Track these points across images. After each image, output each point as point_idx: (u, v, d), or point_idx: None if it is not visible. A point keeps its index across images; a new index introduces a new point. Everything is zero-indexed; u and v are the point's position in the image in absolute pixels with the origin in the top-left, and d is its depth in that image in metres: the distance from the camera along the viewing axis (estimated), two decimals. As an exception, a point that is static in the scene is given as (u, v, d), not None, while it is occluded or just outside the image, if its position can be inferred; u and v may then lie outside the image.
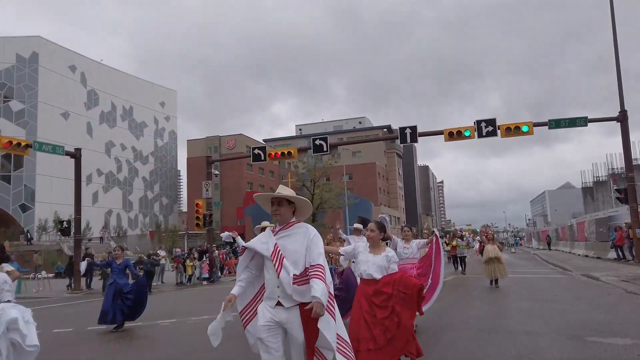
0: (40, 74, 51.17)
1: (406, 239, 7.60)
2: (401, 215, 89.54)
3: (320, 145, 19.62)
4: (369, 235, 4.64)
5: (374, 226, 4.67)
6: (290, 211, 3.46)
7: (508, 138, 17.71)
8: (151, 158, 67.41)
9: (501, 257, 13.21)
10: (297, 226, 3.44)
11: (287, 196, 3.43)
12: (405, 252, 7.40)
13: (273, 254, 3.29)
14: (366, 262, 4.49)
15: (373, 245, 4.60)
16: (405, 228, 7.77)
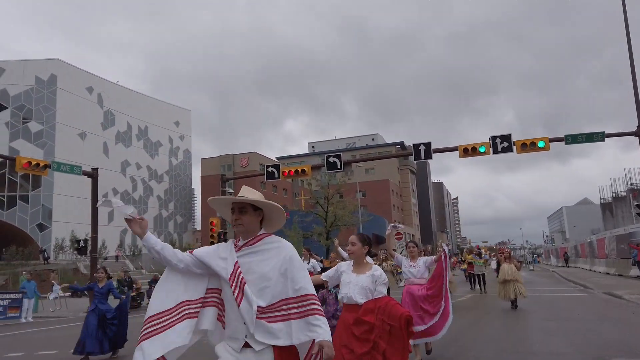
0: (59, 95, 52.27)
1: (412, 256, 6.80)
2: (416, 233, 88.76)
3: (334, 163, 19.60)
4: (349, 250, 3.91)
5: (355, 239, 3.90)
6: (257, 220, 2.62)
7: (523, 154, 17.54)
8: (166, 177, 68.05)
9: (519, 277, 12.35)
10: (268, 241, 2.60)
11: (252, 200, 2.58)
12: (411, 272, 6.63)
13: (232, 276, 2.47)
14: (348, 284, 3.78)
15: (356, 263, 3.87)
16: (410, 244, 6.98)
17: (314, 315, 2.43)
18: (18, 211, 48.95)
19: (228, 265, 2.51)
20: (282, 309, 2.46)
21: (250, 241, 2.59)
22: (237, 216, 2.59)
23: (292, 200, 75.82)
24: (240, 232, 2.62)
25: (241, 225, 2.59)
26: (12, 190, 49.06)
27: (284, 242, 2.64)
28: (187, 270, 2.57)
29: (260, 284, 2.47)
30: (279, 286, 2.48)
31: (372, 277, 3.76)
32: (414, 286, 6.52)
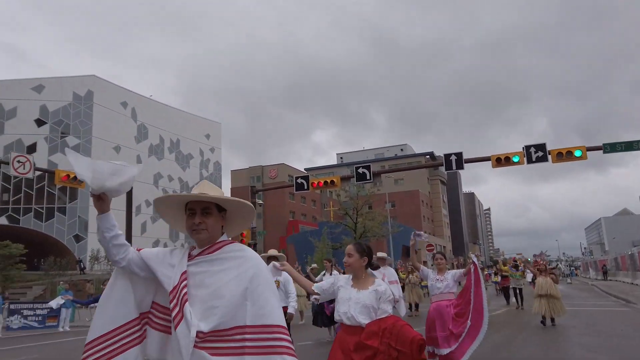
0: (95, 110, 54.01)
1: (439, 268, 6.30)
2: (447, 244, 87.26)
3: (363, 174, 19.51)
4: (346, 262, 3.42)
5: (351, 249, 3.43)
6: (220, 223, 2.12)
7: (558, 163, 17.06)
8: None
9: (557, 292, 11.32)
10: (230, 249, 2.08)
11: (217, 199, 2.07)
12: (437, 286, 6.10)
13: (175, 290, 1.95)
14: (347, 301, 3.27)
15: (355, 277, 3.40)
16: (437, 255, 6.51)
17: (279, 355, 1.85)
18: (56, 223, 50.54)
19: (174, 275, 1.98)
20: (235, 339, 1.88)
21: (207, 249, 2.06)
22: (200, 219, 2.05)
23: (321, 212, 75.86)
24: (203, 240, 2.07)
25: (205, 231, 2.06)
26: (50, 203, 50.77)
27: (249, 251, 2.10)
28: (130, 273, 2.07)
29: (209, 301, 1.91)
30: (233, 308, 1.90)
31: (376, 293, 3.24)
32: (443, 302, 5.97)
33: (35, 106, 52.58)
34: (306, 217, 75.21)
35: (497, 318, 13.65)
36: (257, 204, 24.22)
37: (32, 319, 17.51)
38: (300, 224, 69.68)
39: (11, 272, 30.32)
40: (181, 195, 2.11)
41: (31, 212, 50.11)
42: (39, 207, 50.48)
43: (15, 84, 53.35)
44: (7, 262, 30.63)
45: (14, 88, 52.64)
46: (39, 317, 17.63)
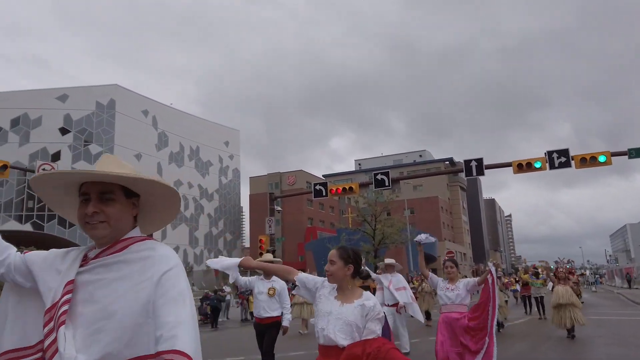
0: (117, 119, 55.05)
1: (450, 277, 5.74)
2: (467, 251, 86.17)
3: (382, 180, 19.43)
4: (327, 270, 2.89)
5: (334, 255, 2.89)
6: (129, 214, 1.57)
7: (582, 169, 16.72)
8: (216, 195, 69.74)
9: (576, 301, 10.63)
10: (138, 248, 1.54)
11: (121, 177, 1.49)
12: (448, 295, 5.59)
13: (52, 309, 1.42)
14: (326, 316, 2.74)
15: (340, 288, 2.85)
16: (448, 263, 5.87)
17: None
18: (78, 229, 51.43)
19: (58, 286, 1.45)
20: None
21: (108, 249, 1.51)
22: (95, 207, 1.47)
23: (339, 218, 75.71)
24: (101, 237, 1.51)
25: (104, 224, 1.49)
26: (74, 209, 51.79)
27: (161, 250, 1.55)
28: (15, 284, 1.54)
29: (95, 323, 1.38)
30: (128, 331, 1.37)
31: (362, 309, 2.68)
32: (453, 313, 5.46)
33: (60, 115, 53.85)
34: (324, 223, 75.15)
35: (518, 328, 13.37)
36: (275, 210, 24.29)
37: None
38: (318, 230, 69.64)
39: (36, 278, 30.85)
40: (66, 172, 1.49)
41: (55, 219, 51.15)
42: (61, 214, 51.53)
43: (40, 93, 54.76)
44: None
45: (39, 98, 54.03)
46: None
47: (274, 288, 6.33)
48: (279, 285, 6.38)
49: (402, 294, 8.76)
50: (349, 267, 2.87)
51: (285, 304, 6.45)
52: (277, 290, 6.37)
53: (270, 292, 6.29)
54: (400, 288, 8.81)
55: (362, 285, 11.67)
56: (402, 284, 9.01)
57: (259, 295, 6.34)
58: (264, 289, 6.32)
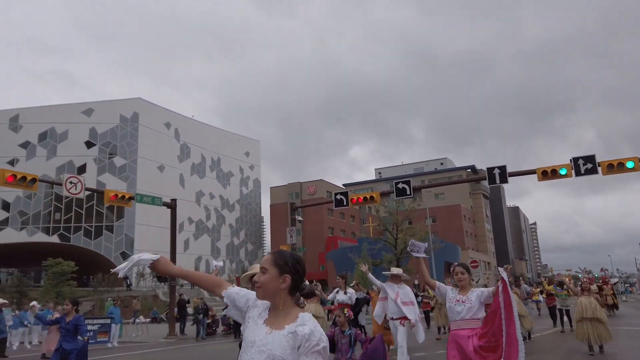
0: (140, 131, 56.13)
1: (461, 286, 4.87)
2: (491, 260, 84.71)
3: (403, 189, 19.30)
4: (255, 281, 2.17)
5: (267, 261, 2.18)
6: None
7: (608, 175, 16.31)
8: (237, 206, 70.27)
9: (602, 316, 9.60)
10: None
11: None
12: (457, 309, 4.74)
13: None
14: (249, 347, 2.09)
15: (272, 307, 2.17)
16: (457, 269, 4.93)
17: None
18: (104, 240, 52.40)
19: None
20: None
21: None
22: None
23: (360, 227, 75.40)
24: None
25: None
26: (98, 221, 52.76)
27: None
28: None
29: None
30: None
31: (293, 338, 2.01)
32: (463, 331, 4.64)
33: (85, 129, 55.19)
34: (345, 233, 74.92)
35: (542, 341, 12.93)
36: (296, 220, 24.32)
37: (82, 334, 18.07)
38: (339, 240, 69.43)
39: (63, 289, 31.56)
40: None
41: (81, 231, 52.22)
42: (88, 226, 52.55)
43: (66, 108, 56.28)
44: (60, 279, 31.93)
45: (66, 112, 55.53)
46: (90, 333, 18.19)
47: None
48: None
49: (409, 310, 8.19)
50: (284, 277, 2.13)
51: None
52: None
53: None
54: (407, 303, 8.24)
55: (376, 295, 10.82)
56: (409, 297, 8.41)
57: None
58: None
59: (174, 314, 20.34)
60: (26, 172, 15.28)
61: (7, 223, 52.22)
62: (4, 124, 54.60)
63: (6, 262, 47.96)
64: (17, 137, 54.36)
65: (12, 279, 38.95)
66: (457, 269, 4.90)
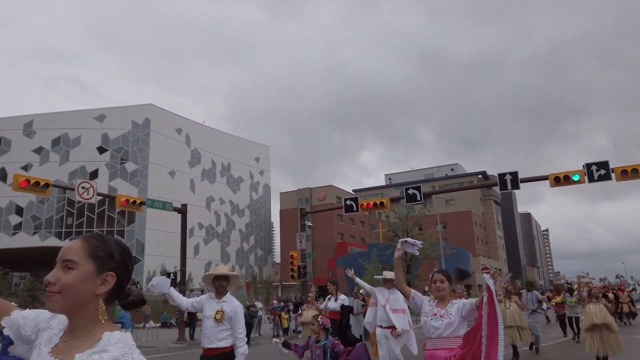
0: (152, 137, 56.58)
1: (440, 297, 4.09)
2: (503, 267, 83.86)
3: (414, 195, 19.21)
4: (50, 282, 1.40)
5: (79, 249, 1.45)
6: None
7: (623, 181, 16.11)
8: (247, 211, 70.43)
9: (611, 323, 8.80)
10: None
11: None
12: (434, 325, 3.95)
13: None
14: None
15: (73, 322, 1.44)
16: (436, 276, 4.14)
17: None
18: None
19: None
20: None
21: None
22: None
23: (370, 233, 75.16)
24: None
25: None
26: (110, 226, 53.18)
27: None
28: None
29: None
30: None
31: None
32: (440, 352, 3.87)
33: (97, 135, 55.77)
34: (355, 238, 74.68)
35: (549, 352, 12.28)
36: (306, 226, 24.30)
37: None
38: (349, 245, 69.22)
39: (74, 293, 31.69)
40: None
41: (93, 235, 52.65)
42: (99, 231, 52.99)
43: (79, 114, 56.94)
44: (71, 283, 32.10)
45: (78, 118, 56.17)
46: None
47: (223, 311, 4.90)
48: (229, 308, 4.94)
49: (399, 318, 7.56)
50: (106, 276, 1.45)
51: (238, 331, 4.91)
52: (227, 313, 4.90)
53: (217, 316, 4.90)
54: (397, 310, 7.60)
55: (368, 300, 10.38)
56: (400, 305, 7.69)
57: (205, 319, 4.99)
58: (211, 312, 4.95)
59: (184, 319, 20.40)
60: (39, 178, 15.46)
61: (21, 227, 52.84)
62: (19, 130, 55.36)
63: (19, 266, 48.45)
64: (31, 143, 55.07)
65: (25, 283, 39.31)
66: (436, 276, 4.13)
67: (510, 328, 10.10)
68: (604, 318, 8.72)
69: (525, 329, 10.50)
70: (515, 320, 10.32)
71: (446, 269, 4.40)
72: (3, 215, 52.88)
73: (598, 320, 8.67)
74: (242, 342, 4.91)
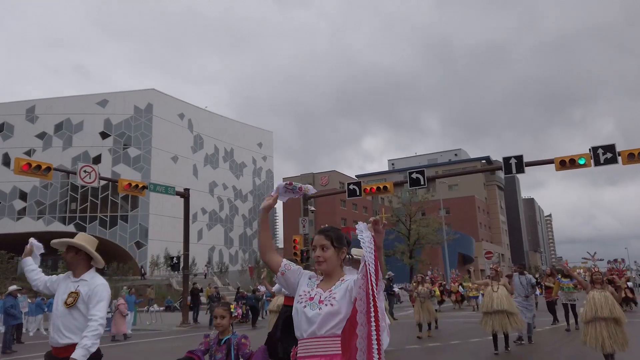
0: (154, 122, 56.40)
1: (324, 272, 2.55)
2: (506, 252, 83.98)
3: (417, 179, 19.08)
4: None
5: None
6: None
7: (627, 166, 15.89)
8: (250, 196, 70.47)
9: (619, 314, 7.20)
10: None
11: None
12: (308, 315, 2.36)
13: None
14: None
15: None
16: (315, 239, 2.67)
17: None
18: (119, 230, 52.98)
19: None
20: None
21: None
22: None
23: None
24: None
25: None
26: (113, 211, 53.33)
27: None
28: None
29: None
30: None
31: None
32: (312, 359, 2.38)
33: (100, 120, 55.62)
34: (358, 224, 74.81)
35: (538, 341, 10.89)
36: (309, 210, 24.26)
37: (97, 322, 18.23)
38: (352, 231, 69.28)
39: (78, 277, 31.90)
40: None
41: (96, 220, 52.84)
42: (103, 216, 53.16)
43: (82, 99, 56.73)
44: (75, 267, 32.29)
45: (81, 103, 55.98)
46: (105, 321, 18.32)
47: (77, 293, 3.59)
48: (86, 288, 3.61)
49: None
50: None
51: (92, 319, 3.49)
52: (82, 295, 3.57)
53: (68, 299, 3.58)
54: None
55: None
56: None
57: (55, 305, 3.72)
58: (63, 295, 3.66)
59: (187, 302, 20.49)
60: (51, 164, 15.34)
61: (25, 212, 53.06)
62: (21, 115, 55.27)
63: (24, 251, 48.74)
64: (33, 128, 55.01)
65: (30, 267, 39.57)
66: (315, 239, 2.65)
67: (498, 314, 9.02)
68: (611, 310, 7.14)
69: (515, 315, 9.19)
70: (504, 305, 9.09)
71: (332, 227, 2.82)
72: (7, 200, 53.06)
73: (604, 311, 7.12)
74: (93, 332, 3.44)
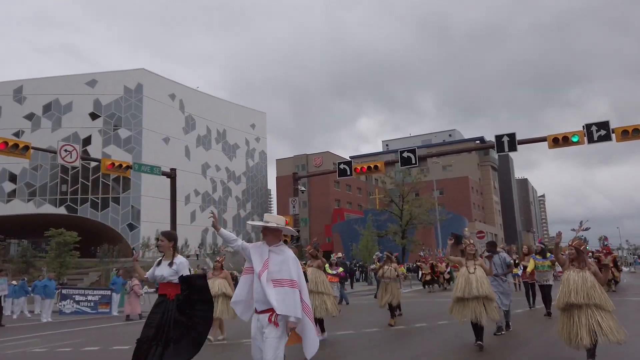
0: (145, 103, 55.52)
1: None
2: (499, 232, 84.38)
3: (409, 158, 18.78)
4: None
5: None
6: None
7: (621, 144, 15.64)
8: (243, 178, 70.07)
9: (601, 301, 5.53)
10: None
11: None
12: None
13: None
14: None
15: None
16: None
17: None
18: (111, 212, 52.58)
19: None
20: None
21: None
22: None
23: (366, 199, 75.15)
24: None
25: None
26: (105, 193, 52.85)
27: None
28: None
29: None
30: None
31: None
32: None
33: (89, 100, 54.68)
34: (352, 205, 74.72)
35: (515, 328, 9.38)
36: (299, 191, 23.95)
37: (84, 304, 18.06)
38: (345, 212, 69.29)
39: (66, 259, 31.68)
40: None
41: (88, 202, 52.37)
42: (94, 198, 52.67)
43: (70, 79, 55.68)
44: (62, 249, 32.01)
45: (69, 83, 54.94)
46: (90, 303, 18.14)
47: None
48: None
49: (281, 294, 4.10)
50: None
51: None
52: None
53: None
54: (282, 281, 4.14)
55: None
56: (289, 271, 4.24)
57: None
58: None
59: (176, 284, 20.21)
60: (27, 142, 14.86)
61: (15, 195, 52.49)
62: (9, 96, 54.23)
63: (16, 233, 48.30)
64: (21, 109, 54.05)
65: (19, 249, 39.31)
66: None
67: (474, 300, 7.20)
68: (589, 294, 5.52)
69: (492, 302, 7.33)
70: (485, 290, 7.24)
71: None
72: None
73: (579, 298, 5.53)
74: None
